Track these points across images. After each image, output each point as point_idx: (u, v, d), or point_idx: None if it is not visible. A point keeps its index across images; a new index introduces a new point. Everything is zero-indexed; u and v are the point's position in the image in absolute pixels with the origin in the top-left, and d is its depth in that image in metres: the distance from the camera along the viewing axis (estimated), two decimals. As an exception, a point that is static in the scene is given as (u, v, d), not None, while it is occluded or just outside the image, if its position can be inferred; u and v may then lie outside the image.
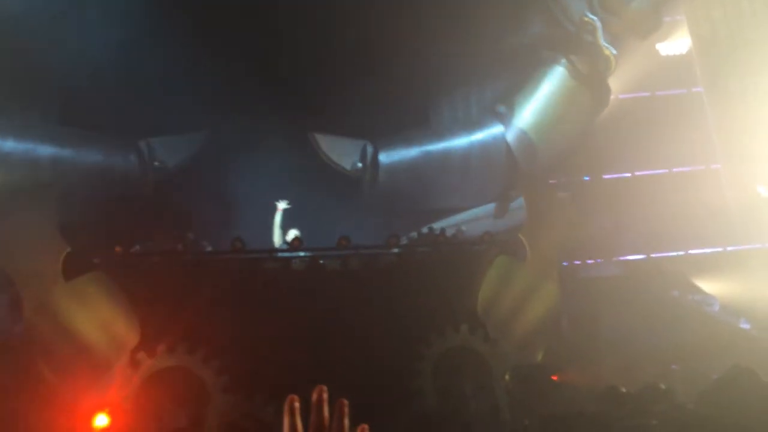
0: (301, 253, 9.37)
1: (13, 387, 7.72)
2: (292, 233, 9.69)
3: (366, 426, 1.53)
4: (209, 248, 9.60)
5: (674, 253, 9.60)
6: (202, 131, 10.93)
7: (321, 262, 9.47)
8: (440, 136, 11.10)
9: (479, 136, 10.78)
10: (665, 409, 5.56)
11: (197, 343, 8.32)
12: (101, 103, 9.75)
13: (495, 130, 10.63)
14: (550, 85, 10.56)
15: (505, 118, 10.69)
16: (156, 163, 10.62)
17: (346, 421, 1.54)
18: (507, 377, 8.24)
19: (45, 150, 9.77)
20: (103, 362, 8.20)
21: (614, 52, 10.06)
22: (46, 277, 8.24)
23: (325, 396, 1.53)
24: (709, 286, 9.15)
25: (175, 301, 8.51)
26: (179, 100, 10.35)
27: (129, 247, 9.30)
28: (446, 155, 10.90)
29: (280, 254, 9.43)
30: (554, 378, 7.32)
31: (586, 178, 10.63)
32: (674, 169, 10.52)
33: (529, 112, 10.45)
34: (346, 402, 1.54)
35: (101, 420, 7.37)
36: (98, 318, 8.28)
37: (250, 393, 8.20)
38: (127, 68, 9.82)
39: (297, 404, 1.54)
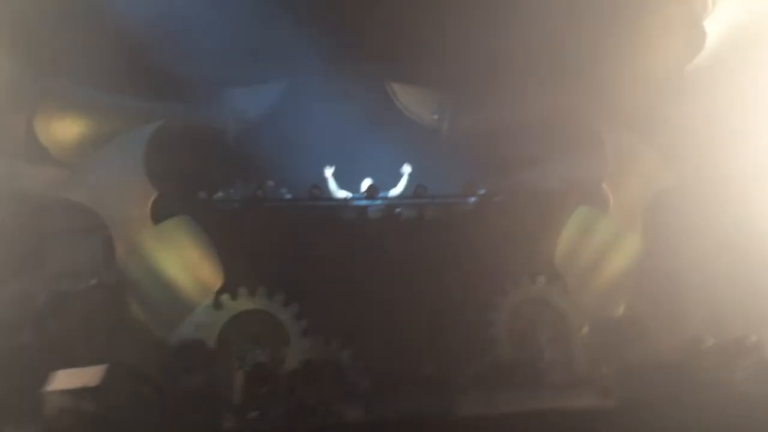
0: (378, 202, 9.43)
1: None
2: (368, 182, 9.72)
3: None
4: (288, 195, 9.77)
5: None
6: (282, 81, 11.02)
7: (397, 210, 9.50)
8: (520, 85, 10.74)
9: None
10: (753, 363, 5.32)
11: (277, 287, 8.58)
12: (185, 55, 9.96)
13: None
14: (639, 28, 9.97)
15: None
16: (237, 113, 10.83)
17: None
18: (585, 330, 8.09)
19: (133, 100, 10.14)
20: (189, 302, 8.57)
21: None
22: (135, 220, 8.67)
23: None
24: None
25: (256, 246, 8.78)
26: (260, 51, 10.47)
27: (212, 193, 9.62)
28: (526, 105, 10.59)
29: (356, 202, 9.51)
30: (636, 329, 7.13)
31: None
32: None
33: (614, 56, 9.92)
34: None
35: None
36: (184, 260, 8.65)
37: (327, 337, 8.42)
38: (210, 20, 9.97)
39: None
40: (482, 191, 9.65)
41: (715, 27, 9.88)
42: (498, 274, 8.58)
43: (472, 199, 9.51)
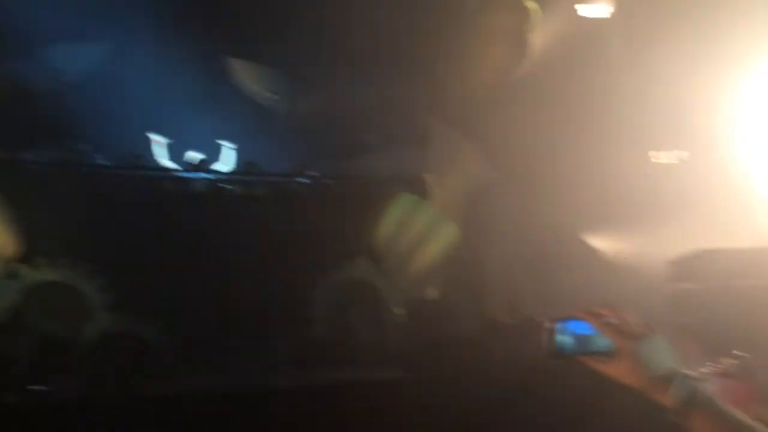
0: (204, 175, 9.13)
1: None
2: (194, 156, 9.39)
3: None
4: (103, 162, 9.15)
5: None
6: (108, 42, 10.32)
7: (223, 185, 9.26)
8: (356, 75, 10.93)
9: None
10: (537, 340, 5.81)
11: (82, 258, 7.98)
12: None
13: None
14: (469, 33, 10.51)
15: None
16: (54, 71, 9.97)
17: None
18: (399, 310, 8.38)
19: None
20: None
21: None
22: None
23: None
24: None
25: (63, 213, 8.09)
26: (87, 7, 9.72)
27: (16, 153, 8.77)
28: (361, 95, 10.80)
29: (180, 174, 9.14)
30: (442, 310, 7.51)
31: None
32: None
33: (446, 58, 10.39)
34: None
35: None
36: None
37: (133, 312, 7.95)
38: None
39: None
40: (312, 173, 9.68)
41: (541, 38, 10.63)
42: (321, 255, 8.62)
43: (301, 180, 9.51)
